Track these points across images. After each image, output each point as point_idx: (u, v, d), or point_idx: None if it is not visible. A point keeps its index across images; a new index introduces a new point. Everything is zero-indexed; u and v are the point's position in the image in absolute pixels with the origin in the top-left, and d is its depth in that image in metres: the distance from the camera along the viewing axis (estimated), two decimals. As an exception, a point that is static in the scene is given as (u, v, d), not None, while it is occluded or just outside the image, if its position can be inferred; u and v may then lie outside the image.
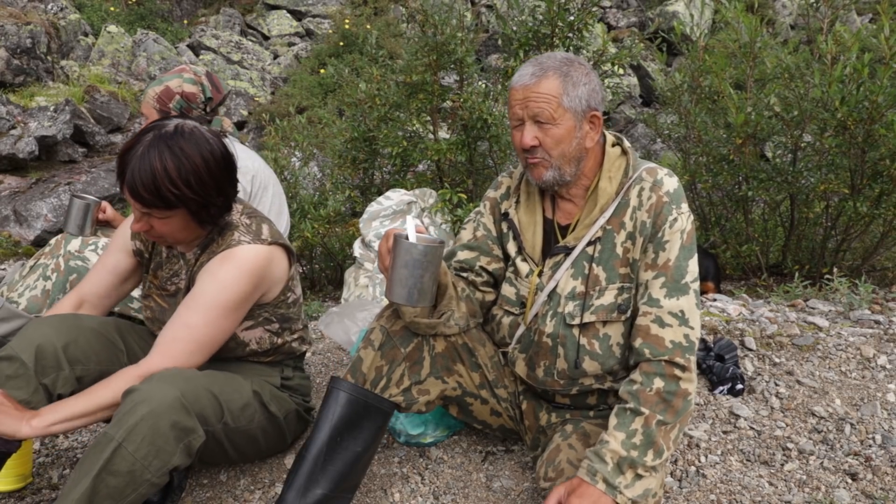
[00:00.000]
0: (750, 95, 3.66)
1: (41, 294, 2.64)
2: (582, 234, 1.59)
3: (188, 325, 1.61)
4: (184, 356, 1.60)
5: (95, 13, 10.83)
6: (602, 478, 1.40)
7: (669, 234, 1.52)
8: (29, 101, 7.24)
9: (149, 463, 1.40)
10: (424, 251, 1.36)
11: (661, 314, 1.50)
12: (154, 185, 1.53)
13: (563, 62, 1.55)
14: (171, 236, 1.66)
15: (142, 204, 1.57)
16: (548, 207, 1.68)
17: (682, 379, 1.46)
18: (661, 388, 1.45)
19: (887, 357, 2.27)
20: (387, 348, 1.61)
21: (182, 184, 1.55)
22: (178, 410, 1.44)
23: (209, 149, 1.60)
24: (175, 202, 1.57)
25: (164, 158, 1.54)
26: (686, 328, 1.49)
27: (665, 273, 1.51)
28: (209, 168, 1.59)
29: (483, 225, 1.76)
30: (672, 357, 1.47)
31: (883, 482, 1.74)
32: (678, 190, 1.57)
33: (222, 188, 1.65)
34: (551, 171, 1.56)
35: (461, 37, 3.56)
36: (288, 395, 1.85)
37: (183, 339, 1.60)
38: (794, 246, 3.74)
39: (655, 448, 1.43)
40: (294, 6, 12.09)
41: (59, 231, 5.34)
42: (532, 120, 1.53)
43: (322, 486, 1.52)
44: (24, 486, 1.85)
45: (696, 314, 1.52)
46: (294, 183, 4.09)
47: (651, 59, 9.29)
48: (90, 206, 2.61)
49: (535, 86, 1.52)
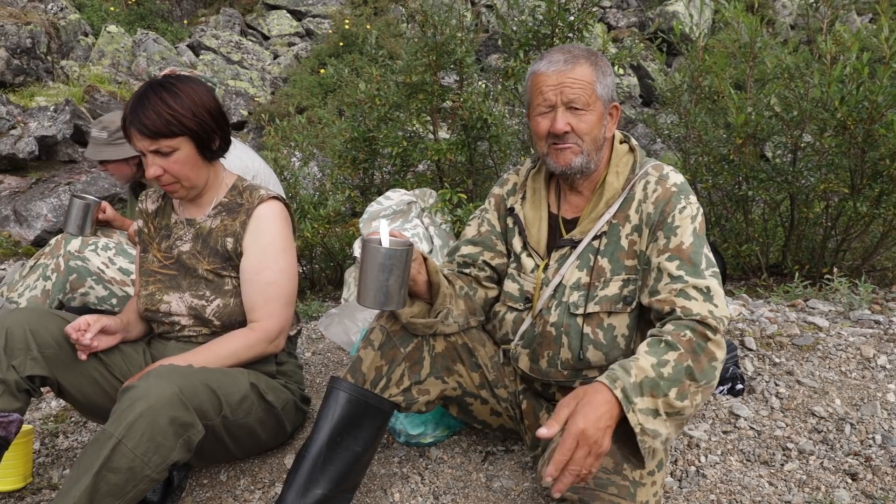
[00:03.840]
0: (750, 95, 3.66)
1: (41, 294, 2.64)
2: (588, 228, 1.60)
3: (270, 282, 1.78)
4: (284, 311, 1.80)
5: (95, 13, 10.83)
6: (622, 387, 1.30)
7: (680, 219, 1.51)
8: (29, 101, 7.24)
9: (148, 459, 1.41)
10: (387, 254, 1.35)
11: (686, 288, 1.44)
12: (156, 112, 1.68)
13: (589, 52, 1.57)
14: (185, 177, 1.76)
15: (148, 135, 1.69)
16: (553, 202, 1.69)
17: (712, 341, 1.38)
18: (692, 338, 1.37)
19: (887, 357, 2.27)
20: (387, 348, 1.61)
21: (180, 108, 1.70)
22: (177, 406, 1.45)
23: (200, 87, 1.78)
24: (177, 127, 1.70)
25: (161, 93, 1.71)
26: (711, 305, 1.42)
27: (681, 257, 1.48)
28: (203, 99, 1.75)
29: (487, 221, 1.78)
30: (703, 318, 1.40)
31: (883, 482, 1.73)
32: (685, 184, 1.57)
33: (218, 122, 1.79)
34: (581, 157, 1.57)
35: (461, 37, 3.56)
36: (284, 382, 1.88)
37: (274, 297, 1.78)
38: (794, 246, 3.74)
39: (680, 391, 1.32)
40: (294, 6, 12.09)
41: (59, 231, 5.34)
42: (566, 106, 1.54)
43: (322, 487, 1.52)
44: (24, 486, 1.85)
45: (723, 298, 1.45)
46: (294, 183, 4.09)
47: (651, 59, 9.29)
48: (90, 207, 2.62)
49: (570, 71, 1.53)
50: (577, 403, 1.28)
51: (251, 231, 1.80)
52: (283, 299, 1.80)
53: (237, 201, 1.85)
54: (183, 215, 1.89)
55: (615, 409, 1.29)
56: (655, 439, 1.31)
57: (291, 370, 1.94)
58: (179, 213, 1.90)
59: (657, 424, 1.31)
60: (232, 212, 1.84)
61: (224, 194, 1.87)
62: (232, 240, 1.81)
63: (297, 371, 1.98)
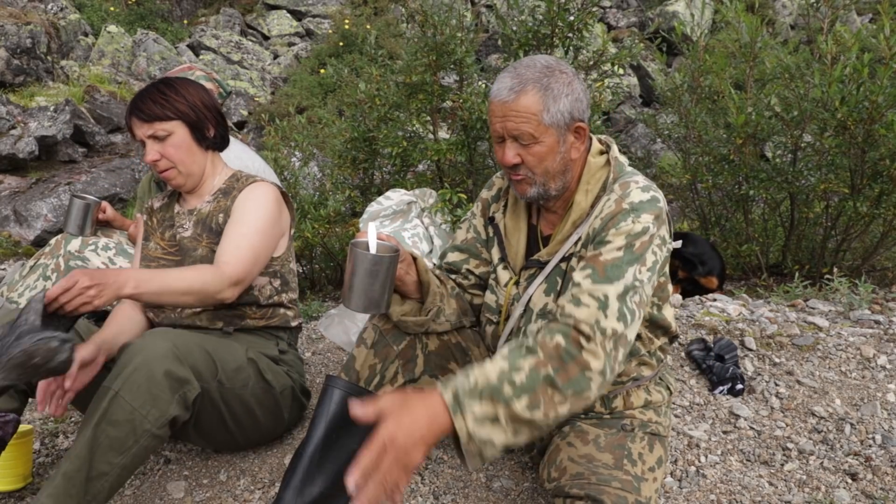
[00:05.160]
0: (750, 95, 3.66)
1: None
2: (555, 250, 1.54)
3: (243, 234, 1.79)
4: (249, 260, 1.77)
5: (95, 13, 10.83)
6: (454, 390, 1.19)
7: (614, 234, 1.39)
8: (29, 101, 7.24)
9: (147, 412, 1.44)
10: (374, 260, 1.36)
11: (580, 294, 1.33)
12: (151, 99, 1.80)
13: (542, 72, 1.44)
14: (180, 161, 1.84)
15: (145, 119, 1.79)
16: (533, 214, 1.65)
17: (586, 349, 1.26)
18: (560, 344, 1.26)
19: (887, 357, 2.27)
20: (379, 346, 1.62)
21: (173, 95, 1.82)
22: (172, 360, 1.49)
23: (197, 85, 1.90)
24: (171, 111, 1.80)
25: (158, 86, 1.84)
26: (601, 314, 1.29)
27: (595, 266, 1.36)
28: (198, 92, 1.87)
29: (474, 227, 1.74)
30: (578, 324, 1.28)
31: (883, 482, 1.73)
32: (647, 202, 1.42)
33: (212, 112, 1.89)
34: (535, 188, 1.50)
35: (461, 37, 3.56)
36: (286, 369, 1.90)
37: (243, 247, 1.77)
38: (794, 246, 3.74)
39: (532, 400, 1.20)
40: (294, 6, 12.10)
41: (59, 231, 5.34)
42: (512, 138, 1.46)
43: (319, 485, 1.52)
44: (24, 486, 1.85)
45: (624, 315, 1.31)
46: (294, 183, 4.09)
47: (651, 59, 9.28)
48: (90, 207, 2.62)
49: (513, 103, 1.42)
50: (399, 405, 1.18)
51: (239, 201, 1.87)
52: (252, 252, 1.78)
53: (233, 185, 1.93)
54: (185, 207, 1.96)
55: (441, 419, 1.17)
56: (486, 447, 1.19)
57: (293, 360, 1.97)
58: (182, 206, 1.97)
59: (493, 432, 1.19)
60: (227, 194, 1.91)
61: (223, 182, 1.95)
62: (223, 215, 1.87)
63: (298, 362, 2.00)
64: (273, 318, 1.93)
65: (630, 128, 7.94)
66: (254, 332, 1.91)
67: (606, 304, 1.31)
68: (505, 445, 1.21)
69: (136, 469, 1.50)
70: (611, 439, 1.51)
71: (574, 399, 1.25)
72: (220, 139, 1.95)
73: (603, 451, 1.48)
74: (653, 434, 1.56)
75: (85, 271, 1.47)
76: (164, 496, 1.80)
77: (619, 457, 1.46)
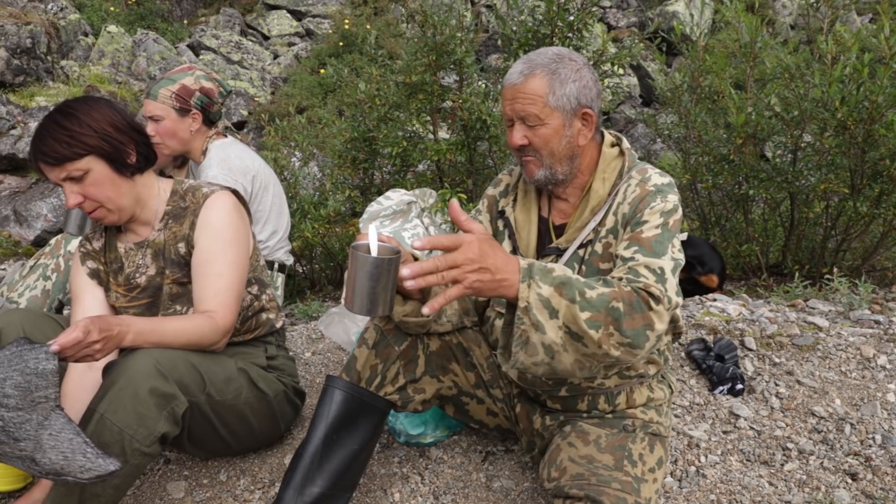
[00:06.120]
0: (750, 95, 3.65)
1: (41, 294, 2.64)
2: (573, 237, 1.57)
3: (219, 274, 1.70)
4: (234, 304, 1.71)
5: (95, 13, 10.83)
6: (530, 263, 1.23)
7: (649, 213, 1.45)
8: (29, 101, 7.24)
9: (134, 431, 1.42)
10: (375, 263, 1.35)
11: (637, 266, 1.37)
12: (54, 138, 1.57)
13: (552, 59, 1.51)
14: (106, 198, 1.66)
15: (53, 163, 1.59)
16: (544, 206, 1.67)
17: (654, 310, 1.28)
18: (632, 292, 1.28)
19: (887, 357, 2.27)
20: (381, 347, 1.62)
21: (77, 128, 1.59)
22: (155, 376, 1.46)
23: (100, 104, 1.66)
24: (80, 147, 1.59)
25: (56, 118, 1.60)
26: (662, 286, 1.33)
27: (639, 243, 1.41)
28: (103, 114, 1.63)
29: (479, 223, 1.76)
30: (648, 287, 1.30)
31: (883, 482, 1.74)
32: (668, 185, 1.50)
33: (127, 134, 1.67)
34: (542, 170, 1.55)
35: (461, 37, 3.56)
36: (276, 376, 1.88)
37: (223, 290, 1.69)
38: (794, 246, 3.74)
39: (594, 318, 1.23)
40: (294, 6, 12.10)
41: (59, 231, 5.34)
42: (520, 120, 1.52)
43: (319, 485, 1.52)
44: (24, 486, 1.85)
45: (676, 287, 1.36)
46: (294, 183, 4.09)
47: (651, 59, 9.29)
48: (90, 206, 2.61)
49: (521, 86, 1.50)
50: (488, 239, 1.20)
51: (199, 226, 1.74)
52: (234, 292, 1.72)
53: (181, 205, 1.79)
54: (130, 242, 1.81)
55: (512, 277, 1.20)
56: (535, 331, 1.22)
57: (283, 363, 1.94)
58: (124, 241, 1.82)
59: (548, 323, 1.21)
60: (178, 217, 1.78)
61: (166, 203, 1.80)
62: (184, 244, 1.76)
63: (289, 363, 1.98)
64: (257, 328, 1.90)
65: (630, 128, 7.94)
66: (240, 344, 1.88)
67: (664, 276, 1.36)
68: (547, 348, 1.23)
69: (130, 487, 1.49)
70: (612, 440, 1.51)
71: (626, 350, 1.26)
72: (145, 159, 1.74)
73: (603, 451, 1.48)
74: (654, 434, 1.56)
75: (94, 322, 1.40)
76: (164, 496, 1.80)
77: (619, 458, 1.46)
